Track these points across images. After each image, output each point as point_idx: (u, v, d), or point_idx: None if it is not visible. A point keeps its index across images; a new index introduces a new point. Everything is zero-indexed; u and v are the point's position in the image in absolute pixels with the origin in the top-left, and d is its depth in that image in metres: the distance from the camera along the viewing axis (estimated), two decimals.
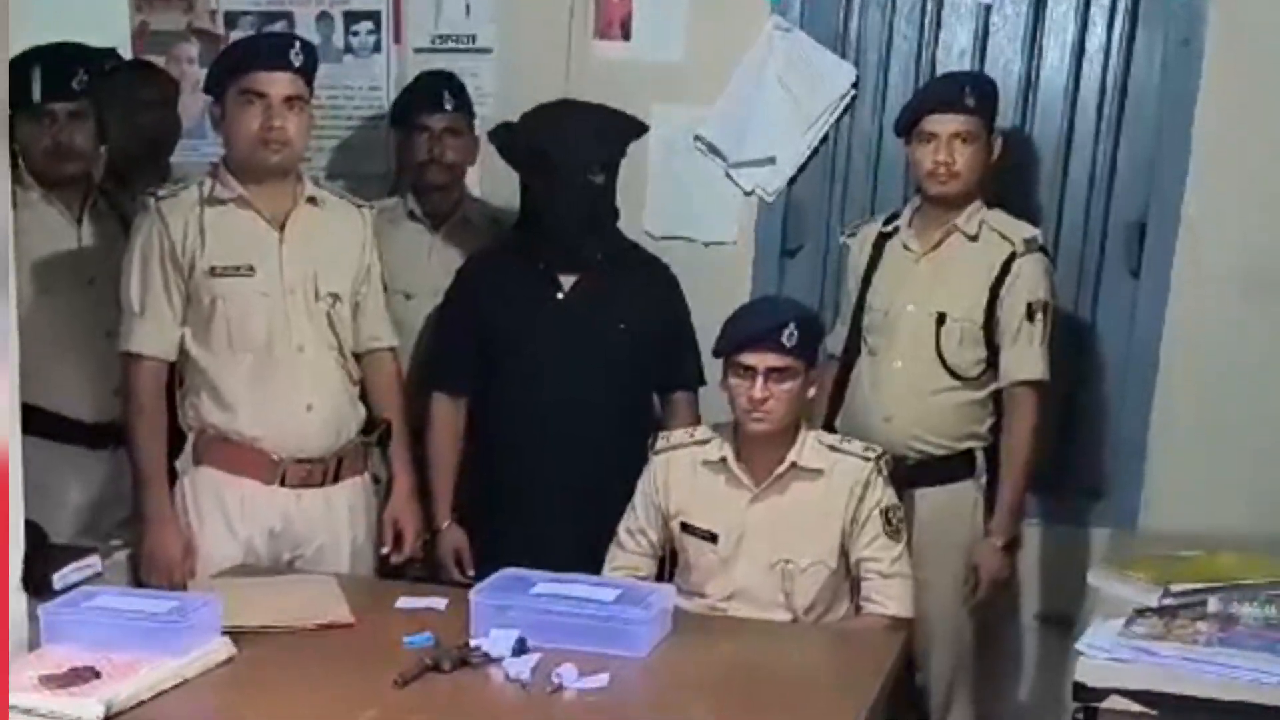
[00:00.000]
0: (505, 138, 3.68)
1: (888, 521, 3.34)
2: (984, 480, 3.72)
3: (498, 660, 2.85)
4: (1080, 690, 2.92)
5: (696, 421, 3.72)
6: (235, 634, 2.90)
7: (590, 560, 3.45)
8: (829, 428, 3.69)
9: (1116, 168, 4.04)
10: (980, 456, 3.73)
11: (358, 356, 3.61)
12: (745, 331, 3.30)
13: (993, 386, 3.69)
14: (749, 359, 3.27)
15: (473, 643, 2.90)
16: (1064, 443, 4.03)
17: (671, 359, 3.77)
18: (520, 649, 2.87)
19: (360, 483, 3.63)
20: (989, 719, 4.07)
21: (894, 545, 3.34)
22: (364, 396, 3.64)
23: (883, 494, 3.35)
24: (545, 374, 3.66)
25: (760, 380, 3.25)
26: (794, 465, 3.34)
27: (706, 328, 3.69)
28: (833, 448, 3.39)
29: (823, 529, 3.33)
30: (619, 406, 3.69)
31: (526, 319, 3.68)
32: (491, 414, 3.73)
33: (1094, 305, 4.09)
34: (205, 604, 2.89)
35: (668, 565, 3.52)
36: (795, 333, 3.26)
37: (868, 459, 3.35)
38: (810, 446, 3.36)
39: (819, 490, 3.34)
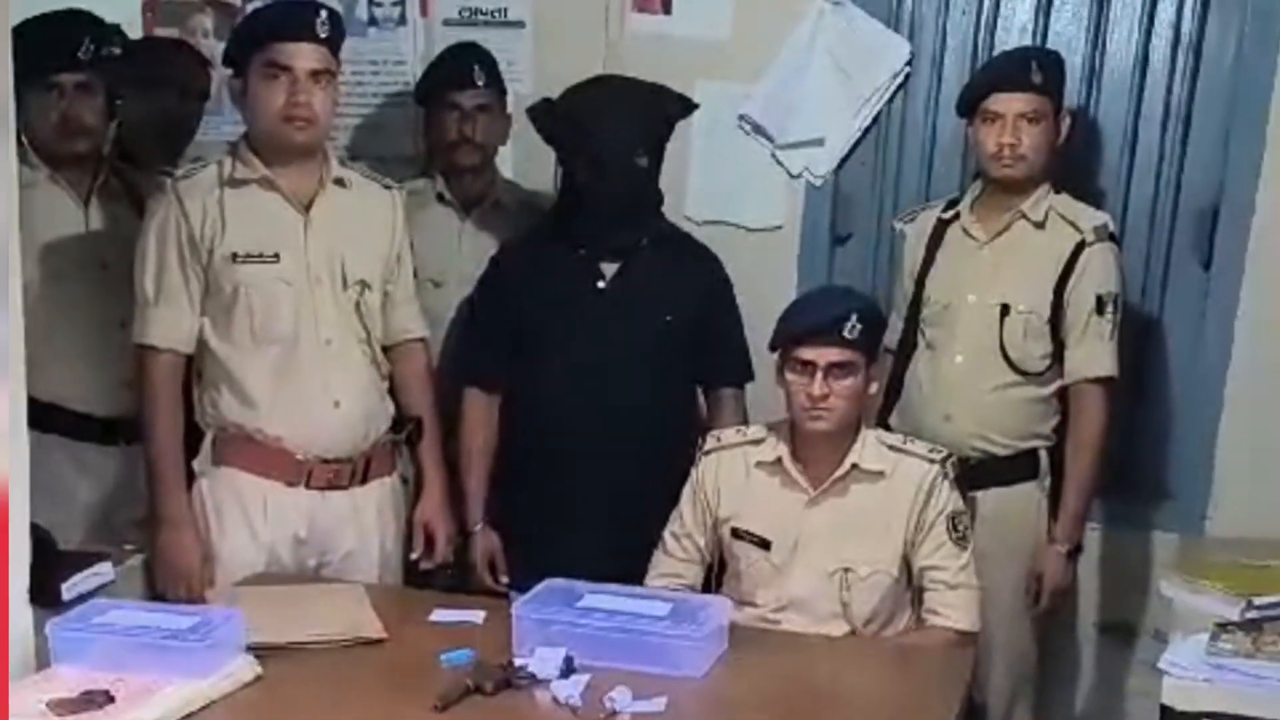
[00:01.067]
0: (545, 114, 3.45)
1: (954, 528, 3.14)
2: (1048, 482, 3.55)
3: (544, 682, 2.65)
4: (1168, 714, 2.77)
5: (744, 419, 3.54)
6: (261, 651, 2.70)
7: (630, 568, 3.26)
8: (883, 427, 3.49)
9: (1187, 151, 3.84)
10: (1044, 457, 3.54)
11: (386, 349, 3.41)
12: (804, 323, 3.10)
13: (1058, 383, 3.51)
14: (808, 353, 3.07)
15: (517, 661, 2.70)
16: (1127, 442, 3.84)
17: (718, 353, 3.57)
18: (568, 669, 2.68)
19: (389, 484, 3.43)
20: None
21: (960, 553, 3.14)
22: (393, 391, 3.44)
23: (949, 499, 3.15)
24: (585, 368, 3.45)
25: (820, 376, 3.05)
26: (854, 467, 3.14)
27: (750, 318, 3.55)
28: (895, 448, 3.19)
29: (884, 535, 3.14)
30: (663, 403, 3.49)
31: (565, 310, 3.48)
32: (527, 411, 3.53)
33: (1162, 298, 3.91)
34: (228, 619, 2.68)
35: (715, 572, 3.32)
36: (858, 325, 3.06)
37: (933, 461, 3.16)
38: (872, 447, 3.17)
39: (880, 494, 3.15)
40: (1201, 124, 3.81)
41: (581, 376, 3.45)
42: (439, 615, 2.99)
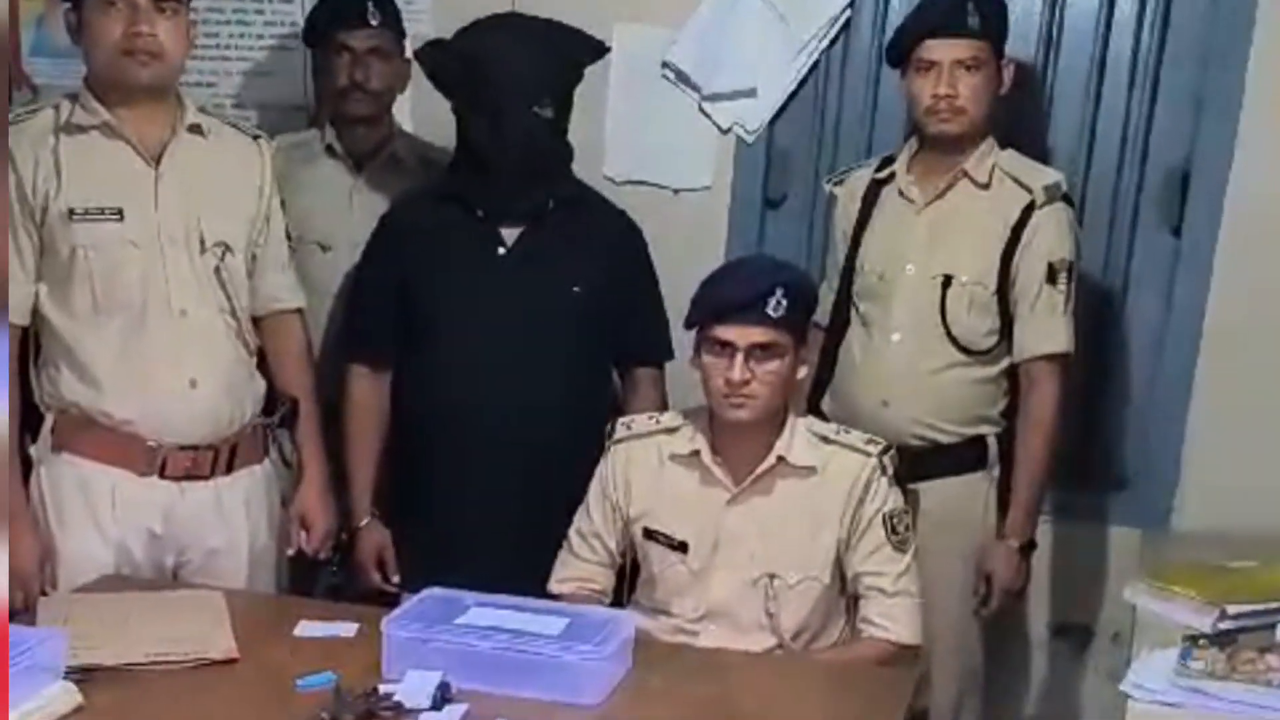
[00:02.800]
0: (436, 58, 3.07)
1: (892, 530, 2.81)
2: (996, 472, 3.22)
3: (413, 713, 2.29)
4: None
5: (663, 404, 3.21)
6: (88, 674, 2.35)
7: (538, 567, 2.96)
8: (814, 412, 3.16)
9: (1155, 109, 3.52)
10: (993, 444, 3.22)
11: (256, 321, 3.04)
12: (723, 299, 2.74)
13: (1006, 362, 3.19)
14: (727, 333, 2.72)
15: (383, 688, 2.33)
16: (1085, 427, 3.54)
17: (634, 328, 3.23)
18: (442, 698, 2.33)
19: (260, 472, 3.07)
20: None
21: (899, 558, 2.81)
22: (264, 369, 3.07)
23: (887, 496, 2.82)
24: (484, 345, 3.10)
25: (740, 358, 2.71)
26: (781, 460, 2.80)
27: (674, 291, 3.18)
28: (827, 440, 2.84)
29: (815, 538, 2.81)
30: (571, 384, 3.14)
31: (461, 278, 3.12)
32: (420, 392, 3.17)
33: (1127, 268, 3.59)
34: (45, 640, 2.30)
35: (627, 575, 2.98)
36: (784, 301, 2.71)
37: (869, 454, 2.82)
38: (801, 438, 2.82)
39: (810, 491, 2.81)
40: (1171, 80, 3.49)
41: (480, 354, 3.10)
42: (305, 629, 2.64)
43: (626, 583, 2.98)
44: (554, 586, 2.93)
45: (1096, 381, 3.54)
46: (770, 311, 2.70)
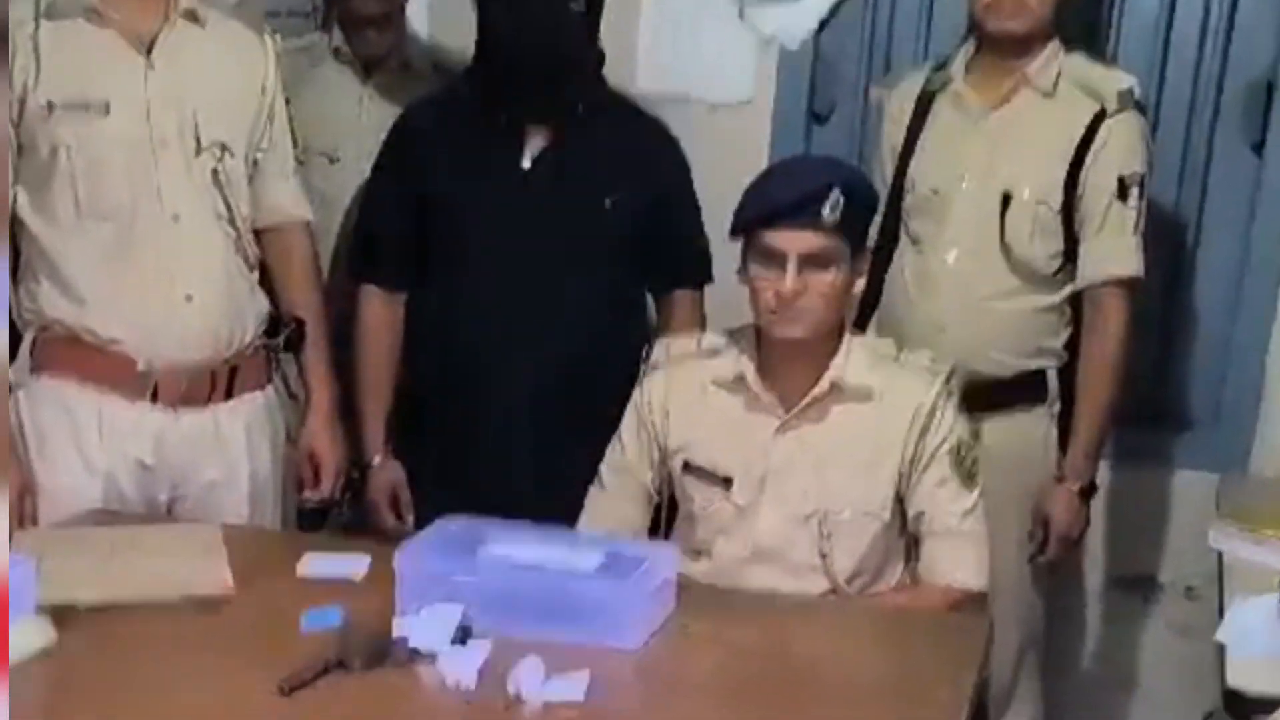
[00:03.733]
0: None
1: (959, 461, 2.53)
2: (1057, 408, 2.99)
3: (430, 657, 2.03)
4: (1235, 701, 2.21)
5: (702, 327, 2.93)
6: (63, 613, 2.09)
7: (566, 506, 2.68)
8: None
9: (1237, 11, 3.25)
10: (1053, 378, 2.98)
11: (258, 234, 2.77)
12: (773, 201, 2.45)
13: (1071, 288, 2.93)
14: (777, 239, 2.43)
15: (396, 628, 2.06)
16: (1154, 363, 3.31)
17: (671, 246, 2.97)
18: (463, 638, 2.07)
19: (262, 399, 2.80)
20: (1058, 708, 3.26)
21: (967, 494, 2.54)
22: (268, 286, 2.81)
23: (954, 425, 2.54)
24: (507, 263, 2.85)
25: (792, 269, 2.42)
26: (836, 385, 2.52)
27: (711, 214, 2.93)
28: (888, 361, 2.56)
29: (873, 469, 2.53)
30: (603, 306, 2.89)
31: (482, 190, 2.86)
32: (438, 315, 2.92)
33: (1202, 189, 3.34)
34: (15, 571, 2.03)
35: (664, 514, 2.71)
36: (840, 202, 2.42)
37: (935, 376, 2.54)
38: (858, 359, 2.54)
39: (869, 418, 2.53)
40: None
41: (502, 273, 2.85)
42: (311, 565, 2.37)
43: (663, 522, 2.71)
44: (585, 525, 2.67)
45: (1167, 313, 3.30)
46: (825, 215, 2.41)
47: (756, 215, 2.46)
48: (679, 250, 2.98)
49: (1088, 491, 2.94)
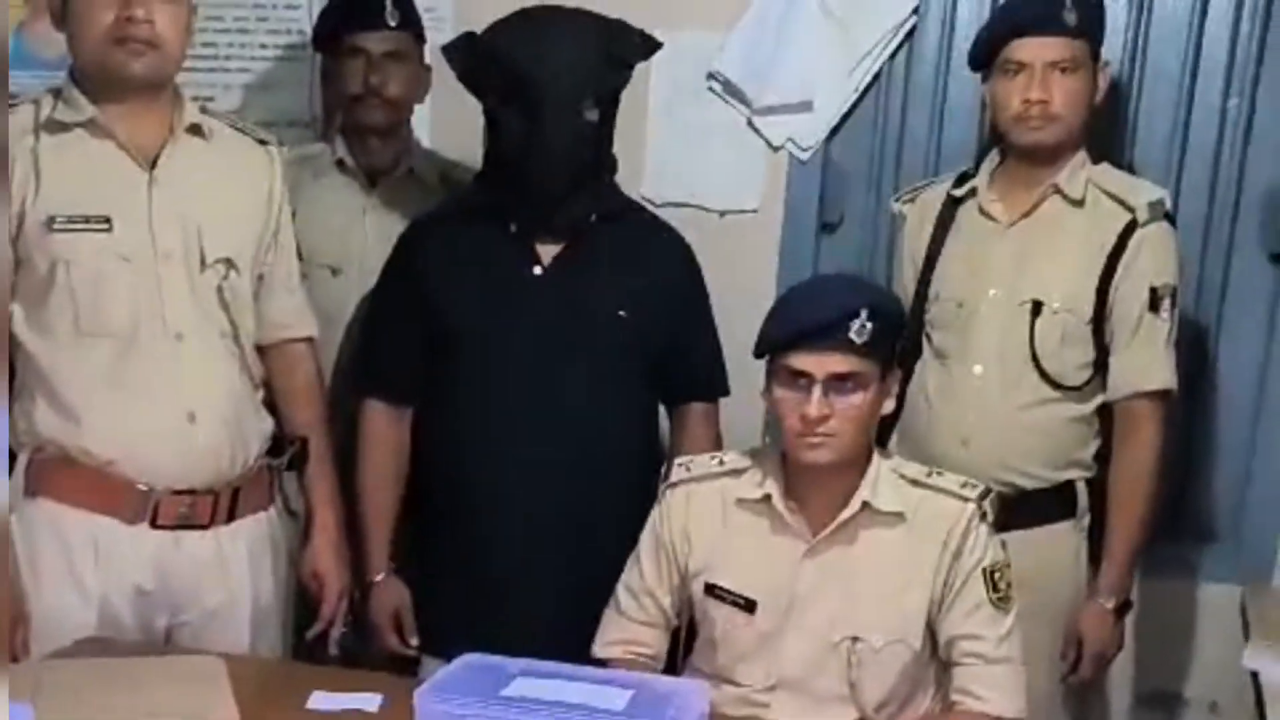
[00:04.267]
0: (467, 52, 2.73)
1: (993, 586, 2.45)
2: (1087, 522, 2.89)
3: None
4: None
5: (717, 444, 2.87)
6: None
7: (579, 630, 2.62)
8: None
9: (1256, 114, 3.18)
10: (1083, 491, 2.89)
11: (262, 350, 2.69)
12: (799, 322, 2.39)
13: (1100, 399, 2.86)
14: (804, 362, 2.37)
15: None
16: (1176, 473, 3.17)
17: (687, 358, 2.89)
18: None
19: (266, 520, 2.71)
20: None
21: (1001, 618, 2.45)
22: (271, 404, 2.72)
23: (987, 548, 2.46)
24: (517, 376, 2.76)
25: (818, 391, 2.36)
26: (865, 507, 2.44)
27: (721, 320, 2.92)
28: (917, 483, 2.49)
29: (904, 595, 2.45)
30: (617, 421, 2.80)
31: (492, 302, 2.77)
32: (445, 430, 2.82)
33: (1221, 298, 3.26)
34: (15, 716, 1.92)
35: (684, 637, 2.63)
36: (869, 324, 2.36)
37: (966, 499, 2.46)
38: (887, 481, 2.47)
39: (899, 542, 2.45)
40: (1275, 85, 3.15)
41: (513, 386, 2.76)
42: (319, 701, 2.27)
43: (681, 646, 2.62)
44: (599, 650, 2.59)
45: (1188, 424, 3.20)
46: (853, 336, 2.35)
47: (783, 336, 2.40)
48: (694, 362, 2.89)
49: (1122, 609, 2.85)
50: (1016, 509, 2.76)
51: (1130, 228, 2.79)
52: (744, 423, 2.99)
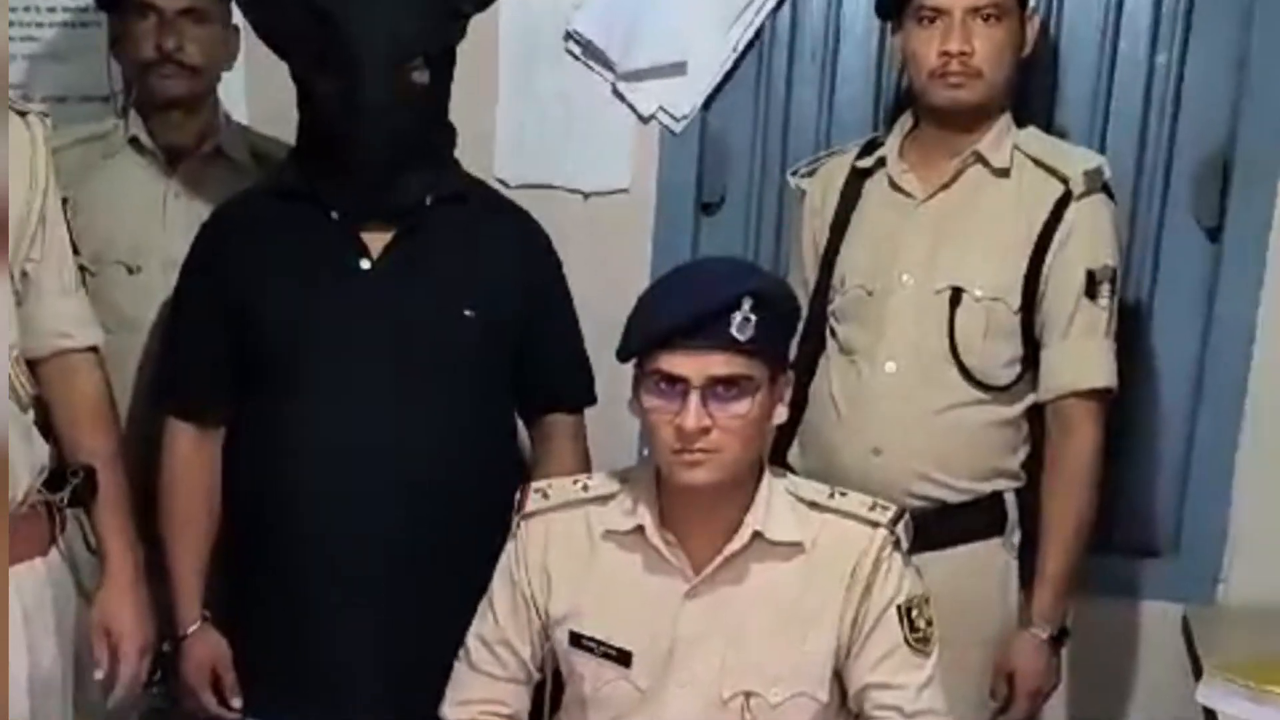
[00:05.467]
0: (264, 2, 2.31)
1: (910, 625, 2.08)
2: (1017, 538, 2.55)
3: None
4: None
5: (584, 460, 2.51)
6: None
7: (426, 686, 2.23)
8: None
9: (1184, 79, 2.83)
10: (1012, 504, 2.54)
11: (33, 365, 2.23)
12: (670, 318, 2.00)
13: (1030, 400, 2.52)
14: (677, 364, 1.99)
15: None
16: (1108, 480, 2.76)
17: (546, 364, 2.51)
18: None
19: (44, 568, 2.24)
20: None
21: (921, 663, 2.08)
22: (46, 428, 2.26)
23: (902, 581, 2.09)
24: (345, 388, 2.34)
25: (696, 399, 1.98)
26: (757, 537, 2.06)
27: (589, 318, 2.55)
28: (817, 506, 2.11)
29: (805, 640, 2.08)
30: (465, 440, 2.39)
31: (312, 303, 2.35)
32: (260, 457, 2.41)
33: (1153, 281, 2.90)
34: None
35: (549, 692, 2.24)
36: (753, 317, 1.98)
37: (877, 524, 2.09)
38: (781, 506, 2.09)
39: (798, 577, 2.08)
40: (1207, 41, 2.80)
41: (341, 400, 2.35)
42: None
43: (547, 702, 2.23)
44: (449, 712, 2.20)
45: (1120, 423, 2.79)
46: (735, 332, 1.97)
47: (652, 334, 2.01)
48: (554, 368, 2.51)
49: (1058, 639, 2.50)
50: (936, 525, 2.41)
51: (1064, 201, 2.44)
52: (617, 439, 2.61)
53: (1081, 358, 2.45)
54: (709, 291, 1.99)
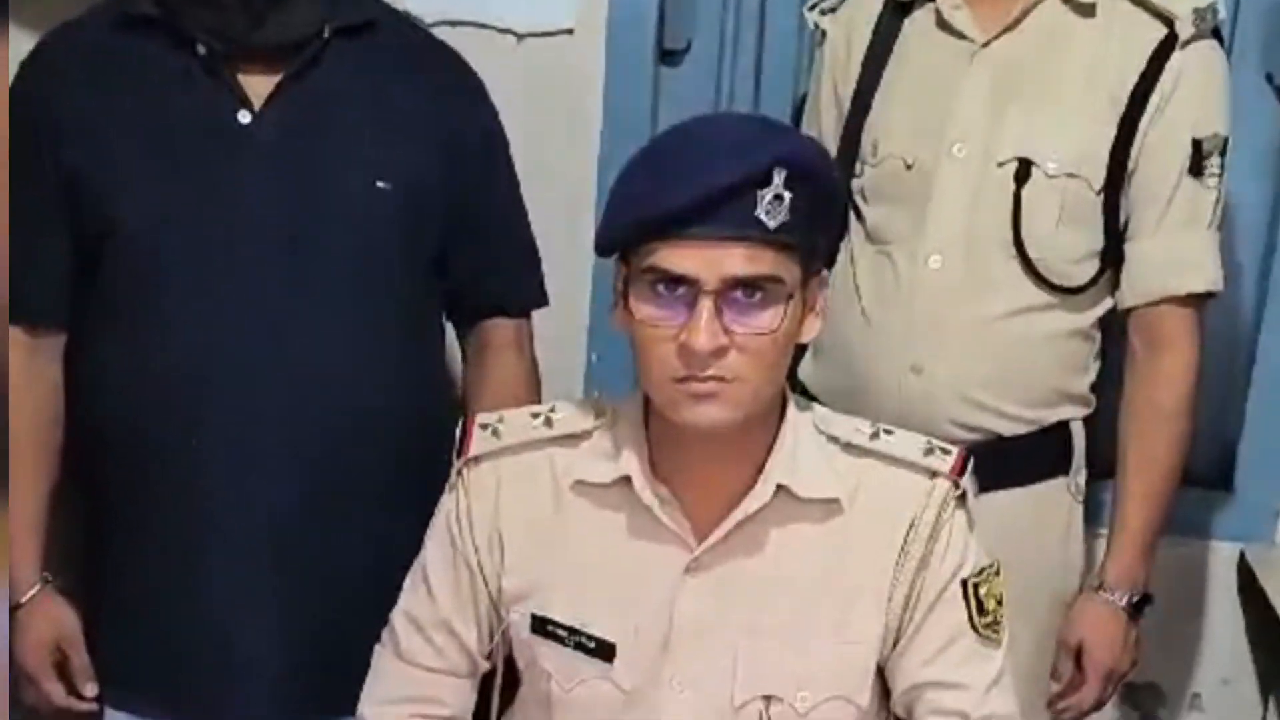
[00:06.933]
0: None
1: (979, 607, 1.60)
2: (1083, 479, 2.07)
3: None
4: None
5: (533, 382, 2.04)
6: None
7: (337, 676, 1.74)
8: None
9: None
10: (1079, 436, 2.06)
11: None
12: (677, 193, 1.45)
13: (1107, 305, 2.03)
14: (683, 259, 1.45)
15: None
16: None
17: (483, 251, 1.97)
18: None
19: None
20: None
21: (989, 654, 1.60)
22: None
23: (966, 548, 1.60)
24: (218, 289, 1.81)
25: (708, 309, 1.45)
26: (782, 492, 1.55)
27: (534, 192, 2.05)
28: (857, 449, 1.60)
29: (843, 628, 1.59)
30: (380, 352, 1.88)
31: (174, 170, 1.81)
32: (118, 371, 1.85)
33: None
34: None
35: (497, 691, 1.71)
36: (788, 194, 1.45)
37: (936, 473, 1.59)
38: (811, 449, 1.58)
39: (833, 545, 1.58)
40: None
41: (212, 305, 1.81)
42: None
43: (495, 702, 1.72)
44: (368, 713, 1.70)
45: None
46: (763, 215, 1.44)
47: (644, 220, 1.47)
48: (495, 256, 1.98)
49: (1139, 606, 2.02)
50: (987, 463, 1.83)
51: (1166, 48, 1.92)
52: (561, 366, 2.13)
53: (1179, 252, 1.95)
54: (727, 159, 1.45)
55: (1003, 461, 1.94)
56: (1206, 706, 2.45)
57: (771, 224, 1.44)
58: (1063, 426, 2.03)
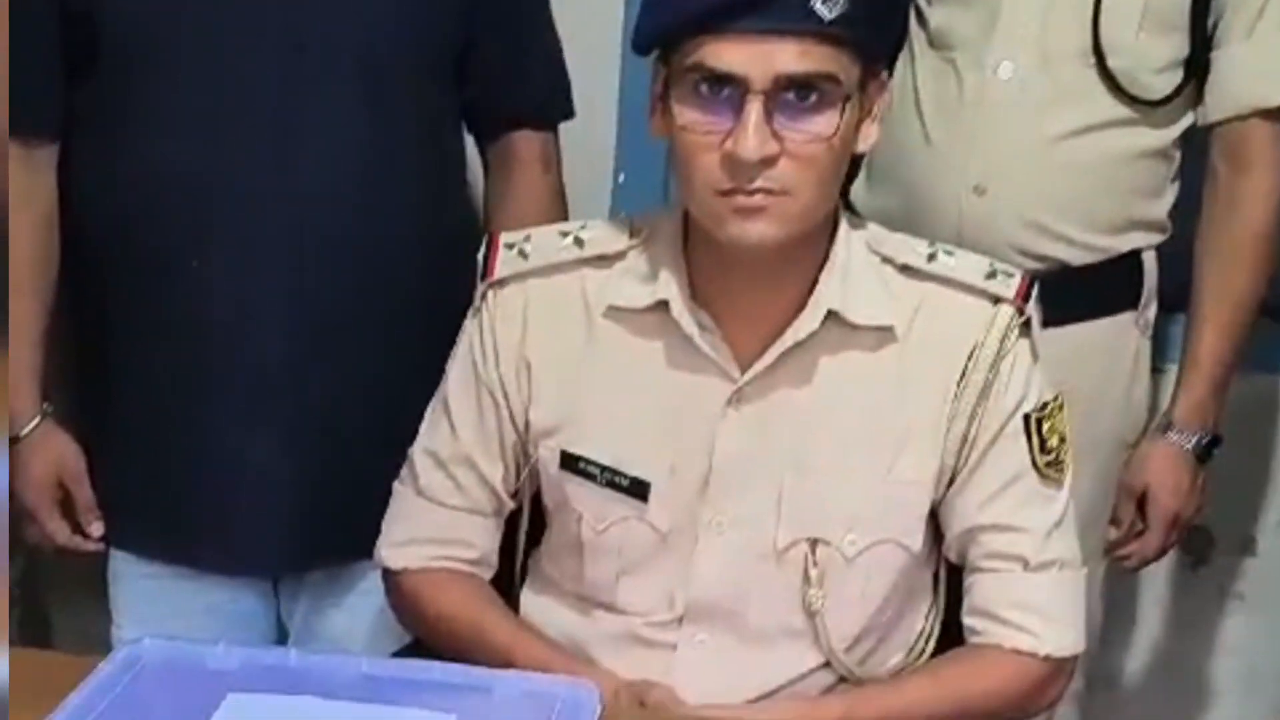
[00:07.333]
0: None
1: (1043, 445, 1.48)
2: (1153, 313, 1.96)
3: None
4: None
5: (559, 198, 1.91)
6: None
7: (356, 517, 1.63)
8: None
9: None
10: (1151, 265, 1.94)
11: None
12: None
13: (1187, 122, 1.87)
14: (730, 55, 1.32)
15: None
16: None
17: (504, 53, 1.84)
18: None
19: None
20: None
21: (1052, 495, 1.50)
22: None
23: (1029, 381, 1.48)
24: (228, 92, 1.69)
25: (758, 111, 1.32)
26: (832, 318, 1.43)
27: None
28: (913, 271, 1.48)
29: (895, 465, 1.48)
30: (396, 167, 1.76)
31: None
32: (123, 189, 1.74)
33: None
34: None
35: (523, 533, 1.62)
36: None
37: (999, 299, 1.48)
38: (864, 271, 1.46)
39: (887, 375, 1.47)
40: None
41: (223, 119, 1.70)
42: None
43: (521, 544, 1.62)
44: (388, 555, 1.60)
45: None
46: (818, 5, 1.30)
47: (685, 10, 1.33)
48: (518, 60, 1.85)
49: (1210, 448, 1.91)
50: (1051, 295, 1.68)
51: None
52: (586, 188, 2.00)
53: (1274, 60, 1.80)
54: None
55: (1068, 293, 1.79)
56: (1261, 551, 2.35)
57: (828, 15, 1.30)
58: (1134, 256, 1.90)
